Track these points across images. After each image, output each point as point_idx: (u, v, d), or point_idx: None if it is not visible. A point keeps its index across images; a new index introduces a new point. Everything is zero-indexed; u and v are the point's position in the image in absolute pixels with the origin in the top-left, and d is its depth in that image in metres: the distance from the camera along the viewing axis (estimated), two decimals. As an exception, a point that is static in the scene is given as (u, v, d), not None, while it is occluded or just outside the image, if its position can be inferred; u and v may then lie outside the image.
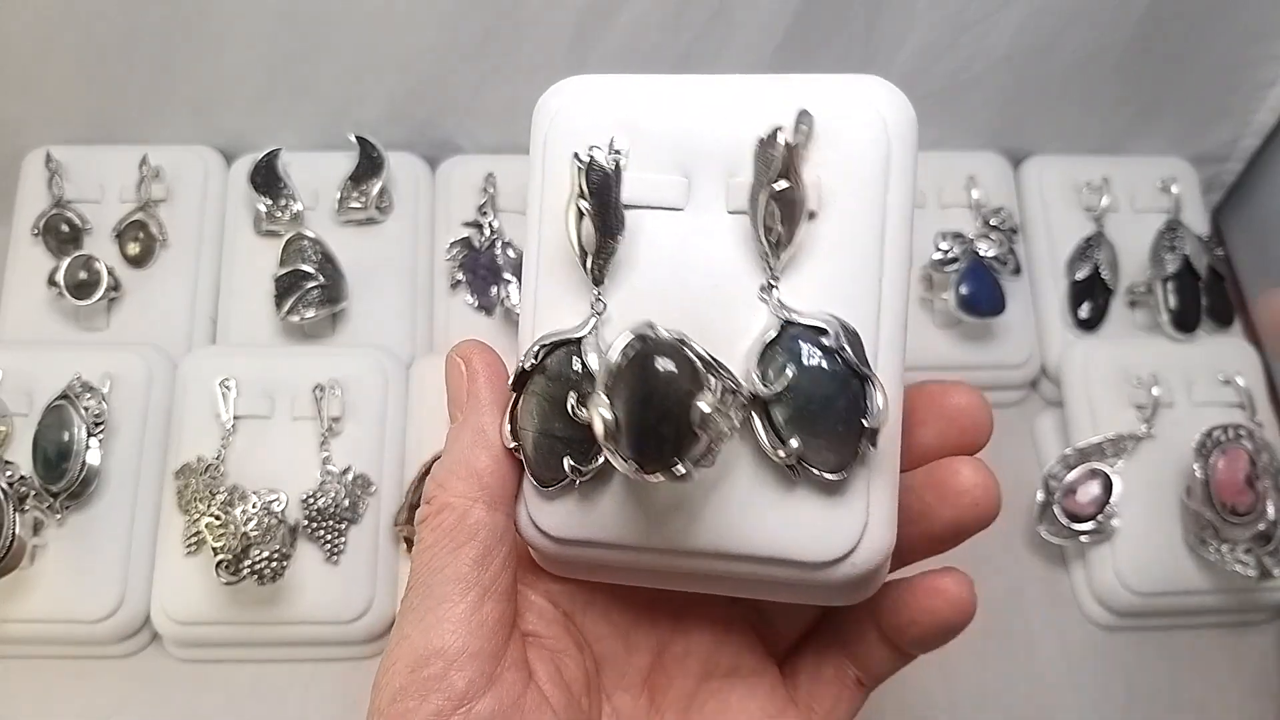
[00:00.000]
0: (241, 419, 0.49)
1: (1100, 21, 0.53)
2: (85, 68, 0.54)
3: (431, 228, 0.56)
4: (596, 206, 0.26)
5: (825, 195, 0.27)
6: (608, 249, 0.27)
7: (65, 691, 0.48)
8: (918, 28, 0.53)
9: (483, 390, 0.28)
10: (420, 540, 0.27)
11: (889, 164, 0.27)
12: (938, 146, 0.58)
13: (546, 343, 0.27)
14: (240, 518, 0.45)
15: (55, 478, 0.47)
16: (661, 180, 0.28)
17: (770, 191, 0.25)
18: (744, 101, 0.28)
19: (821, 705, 0.31)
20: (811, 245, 0.27)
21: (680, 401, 0.24)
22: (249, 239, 0.55)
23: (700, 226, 0.27)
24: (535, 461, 0.27)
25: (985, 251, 0.54)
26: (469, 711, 0.25)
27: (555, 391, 0.27)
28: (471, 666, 0.26)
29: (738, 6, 0.52)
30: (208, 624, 0.47)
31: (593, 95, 0.29)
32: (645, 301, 0.27)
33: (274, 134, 0.56)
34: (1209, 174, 0.60)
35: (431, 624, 0.26)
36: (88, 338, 0.53)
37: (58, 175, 0.54)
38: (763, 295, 0.27)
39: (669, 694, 0.31)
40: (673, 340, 0.24)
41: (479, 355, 0.28)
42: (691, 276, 0.27)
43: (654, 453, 0.24)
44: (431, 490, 0.27)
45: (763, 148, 0.26)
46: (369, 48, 0.54)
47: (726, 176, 0.27)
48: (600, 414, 0.24)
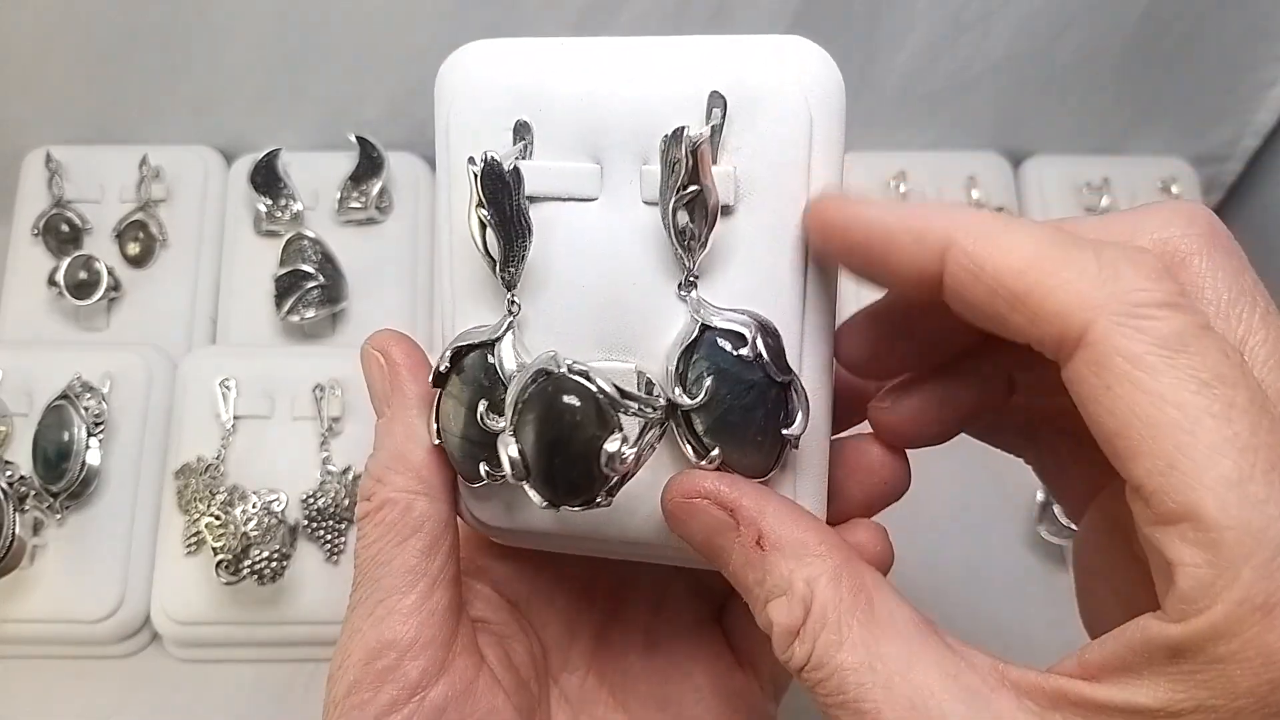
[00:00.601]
0: (241, 419, 0.49)
1: (1100, 22, 0.53)
2: (85, 68, 0.54)
3: (432, 228, 0.56)
4: (496, 216, 0.25)
5: (743, 184, 0.25)
6: (516, 254, 0.26)
7: (65, 691, 0.48)
8: (918, 28, 0.53)
9: (406, 384, 0.28)
10: (363, 536, 0.27)
11: (811, 142, 0.25)
12: (938, 146, 0.58)
13: (461, 344, 0.27)
14: (240, 518, 0.45)
15: (55, 478, 0.47)
16: (571, 169, 0.26)
17: (678, 197, 0.24)
18: (656, 71, 0.26)
19: (765, 661, 0.32)
20: (731, 239, 0.25)
21: (587, 444, 0.23)
22: (249, 239, 0.55)
23: (615, 219, 0.26)
24: (458, 460, 0.27)
25: (985, 251, 0.54)
26: (423, 699, 0.26)
27: (469, 397, 0.26)
28: (424, 655, 0.26)
29: (737, 6, 0.52)
30: (208, 624, 0.47)
31: (492, 68, 0.27)
32: (562, 301, 0.27)
33: (274, 134, 0.56)
34: (1209, 174, 0.60)
35: (382, 616, 0.26)
36: (88, 338, 0.53)
37: (58, 175, 0.54)
38: (681, 294, 0.26)
39: (614, 670, 0.32)
40: (577, 376, 0.24)
41: (397, 347, 0.28)
42: (608, 273, 0.26)
43: (566, 492, 0.24)
44: (370, 487, 0.27)
45: (667, 148, 0.24)
46: (369, 48, 0.54)
47: (640, 161, 0.26)
48: (508, 454, 0.24)
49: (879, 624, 0.22)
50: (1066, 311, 0.20)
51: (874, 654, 0.21)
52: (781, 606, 0.22)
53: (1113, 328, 0.19)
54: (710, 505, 0.24)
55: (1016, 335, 0.21)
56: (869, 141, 0.57)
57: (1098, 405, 0.19)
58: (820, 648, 0.21)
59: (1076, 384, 0.20)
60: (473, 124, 0.27)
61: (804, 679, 0.22)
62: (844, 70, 0.26)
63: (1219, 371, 0.19)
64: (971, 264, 0.21)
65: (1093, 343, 0.19)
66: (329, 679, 0.26)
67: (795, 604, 0.22)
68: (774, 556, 0.23)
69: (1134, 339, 0.19)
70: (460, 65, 0.27)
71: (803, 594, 0.22)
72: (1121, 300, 0.19)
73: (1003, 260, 0.21)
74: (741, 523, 0.24)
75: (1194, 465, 0.18)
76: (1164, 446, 0.18)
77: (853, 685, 0.21)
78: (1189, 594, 0.18)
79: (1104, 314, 0.19)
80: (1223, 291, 0.21)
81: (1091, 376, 0.19)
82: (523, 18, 0.52)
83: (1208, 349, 0.19)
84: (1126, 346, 0.19)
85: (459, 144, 0.27)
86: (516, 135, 0.26)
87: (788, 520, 0.24)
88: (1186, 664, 0.18)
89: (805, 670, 0.22)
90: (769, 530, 0.23)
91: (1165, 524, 0.18)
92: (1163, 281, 0.20)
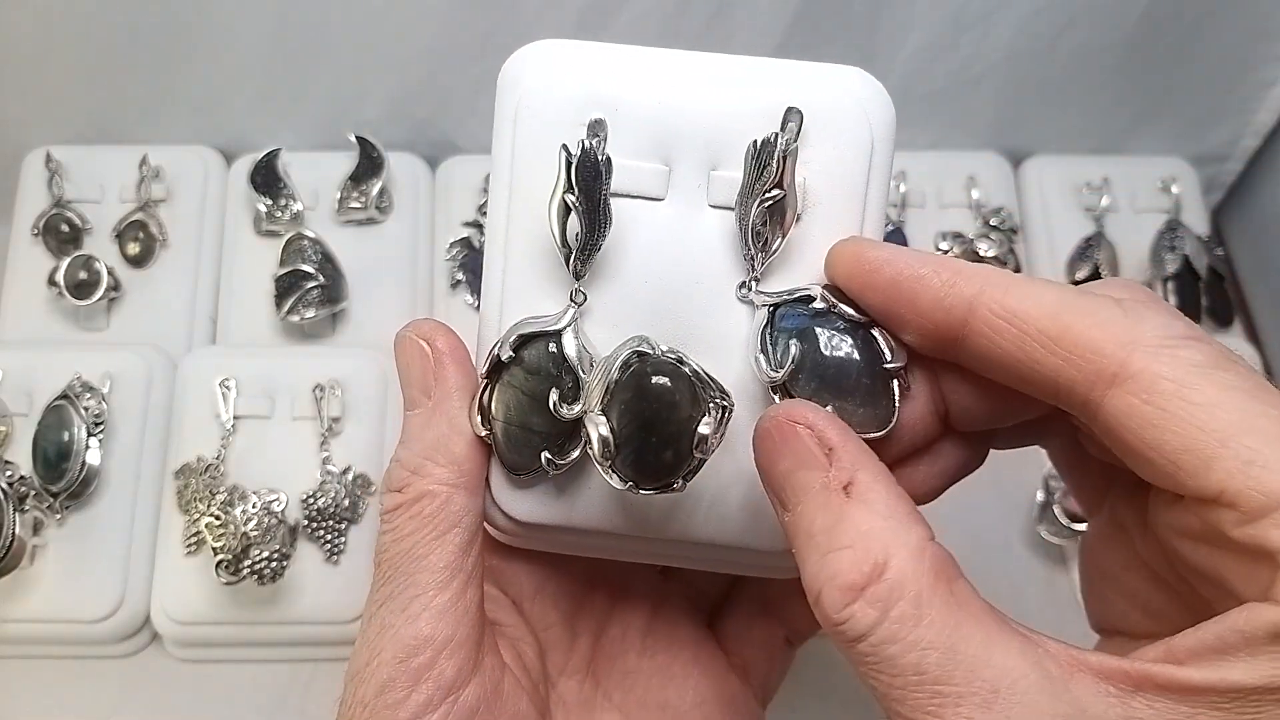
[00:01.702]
0: (241, 419, 0.49)
1: (1100, 21, 0.53)
2: (85, 68, 0.54)
3: (431, 228, 0.56)
4: (585, 204, 0.26)
5: (810, 196, 0.27)
6: (593, 245, 0.26)
7: (65, 691, 0.48)
8: (918, 27, 0.53)
9: (450, 374, 0.27)
10: (395, 529, 0.26)
11: (871, 164, 0.27)
12: (938, 146, 0.58)
13: (524, 333, 0.27)
14: (240, 518, 0.45)
15: (55, 478, 0.47)
16: (643, 169, 0.27)
17: (762, 199, 0.25)
18: (727, 85, 0.27)
19: (757, 665, 0.33)
20: (791, 247, 0.27)
21: (682, 426, 0.24)
22: (249, 239, 0.55)
23: (681, 219, 0.27)
24: (507, 450, 0.27)
25: (985, 251, 0.54)
26: (456, 700, 0.25)
27: (535, 386, 0.26)
28: (460, 654, 0.25)
29: (738, 6, 0.52)
30: (208, 624, 0.47)
31: (565, 64, 0.28)
32: (624, 295, 0.27)
33: (274, 134, 0.56)
34: (1209, 174, 0.60)
35: (417, 612, 0.25)
36: (88, 338, 0.53)
37: (58, 175, 0.54)
38: (742, 293, 0.27)
39: (612, 675, 0.32)
40: (671, 358, 0.24)
41: (443, 337, 0.27)
42: (671, 271, 0.27)
43: (653, 474, 0.24)
44: (403, 477, 0.27)
45: (757, 151, 0.25)
46: (369, 48, 0.54)
47: (708, 167, 0.27)
48: (599, 432, 0.24)
49: (961, 607, 0.21)
50: (1103, 348, 0.21)
51: (957, 636, 0.20)
52: (847, 557, 0.21)
53: (1151, 358, 0.21)
54: (810, 436, 0.23)
55: (1044, 378, 0.22)
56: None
57: (1155, 428, 0.20)
58: (895, 619, 0.20)
59: (1123, 415, 0.21)
60: (546, 116, 0.27)
61: (866, 651, 0.21)
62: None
63: (1256, 381, 0.20)
64: (1004, 310, 0.22)
65: (1136, 373, 0.21)
66: (353, 678, 0.26)
67: (863, 558, 0.21)
68: (857, 507, 0.22)
69: (1174, 364, 0.20)
70: (531, 59, 0.28)
71: (876, 553, 0.21)
72: (1151, 335, 0.21)
73: (1034, 306, 0.22)
74: (835, 464, 0.22)
75: (1269, 458, 0.19)
76: (1235, 449, 0.19)
77: (934, 665, 0.20)
78: None
79: (1138, 348, 0.21)
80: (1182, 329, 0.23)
81: (1141, 403, 0.20)
82: (522, 19, 0.52)
83: (1237, 366, 0.21)
84: (1170, 371, 0.20)
85: (529, 134, 0.27)
86: (591, 131, 0.27)
87: (884, 481, 0.22)
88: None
89: (871, 641, 0.20)
90: (862, 482, 0.22)
91: (1258, 518, 0.19)
92: (1179, 320, 0.22)
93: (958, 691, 0.20)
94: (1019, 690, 0.20)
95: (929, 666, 0.20)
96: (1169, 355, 0.21)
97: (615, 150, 0.26)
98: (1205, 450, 0.20)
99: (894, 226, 0.55)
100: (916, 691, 0.20)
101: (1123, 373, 0.21)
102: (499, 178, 0.28)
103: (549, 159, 0.26)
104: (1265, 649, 0.19)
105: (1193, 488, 0.20)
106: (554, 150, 0.26)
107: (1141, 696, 0.20)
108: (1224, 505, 0.20)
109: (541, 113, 0.27)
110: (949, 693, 0.20)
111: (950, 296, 0.23)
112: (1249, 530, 0.19)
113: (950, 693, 0.20)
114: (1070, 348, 0.21)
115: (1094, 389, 0.21)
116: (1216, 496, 0.20)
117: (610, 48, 0.28)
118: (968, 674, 0.20)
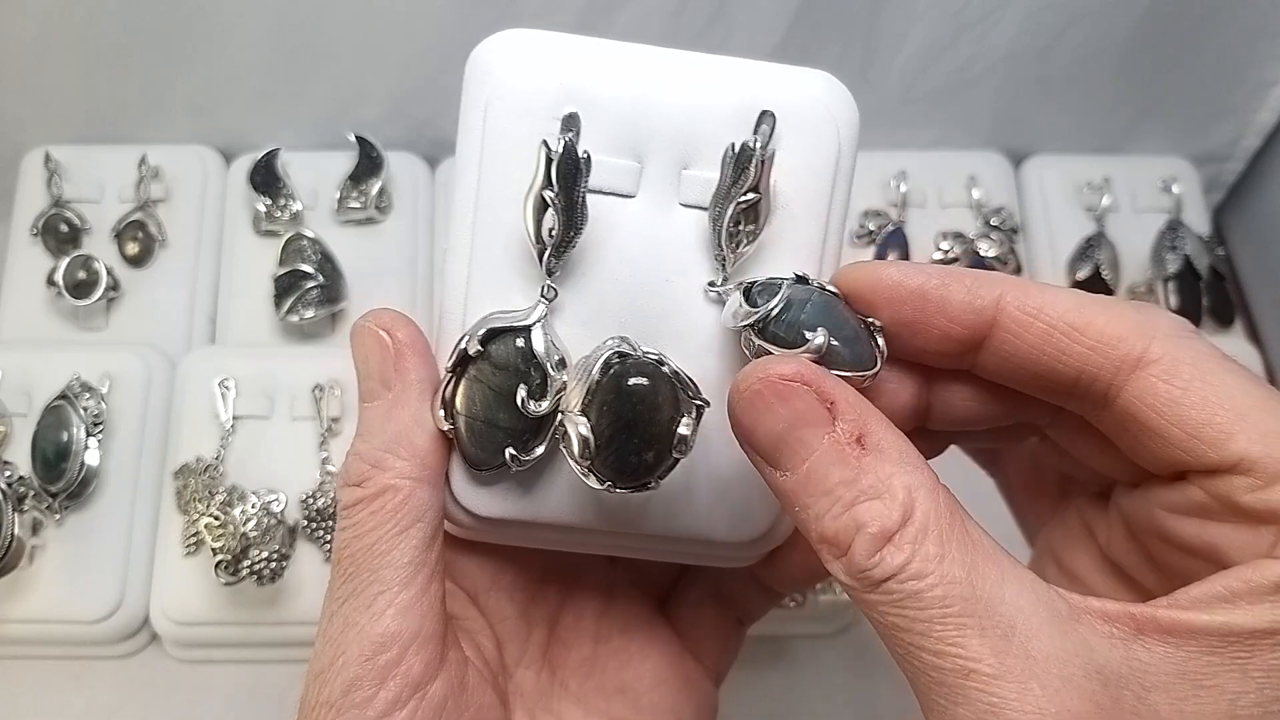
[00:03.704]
0: (241, 419, 0.49)
1: (1100, 21, 0.53)
2: (85, 68, 0.54)
3: (431, 228, 0.56)
4: (564, 200, 0.25)
5: (779, 199, 0.27)
6: (568, 242, 0.26)
7: (65, 691, 0.48)
8: (918, 27, 0.53)
9: (412, 366, 0.27)
10: (356, 524, 0.26)
11: (837, 167, 0.27)
12: (938, 146, 0.58)
13: (492, 327, 0.26)
14: (239, 518, 0.45)
15: (54, 478, 0.47)
16: (615, 165, 0.27)
17: (739, 202, 0.26)
18: (698, 84, 0.27)
19: (710, 646, 0.33)
20: (762, 245, 0.27)
21: (664, 427, 0.24)
22: (248, 239, 0.55)
23: (652, 217, 0.27)
24: (470, 445, 0.27)
25: (986, 251, 0.54)
26: (424, 696, 0.25)
27: (502, 382, 0.26)
28: (426, 649, 0.25)
29: (737, 7, 0.52)
30: (207, 624, 0.47)
31: (536, 56, 0.27)
32: (593, 291, 0.27)
33: (274, 134, 0.56)
34: (1210, 174, 0.60)
35: (382, 609, 0.25)
36: (87, 338, 0.53)
37: (57, 175, 0.54)
38: (711, 291, 0.27)
39: (568, 663, 0.32)
40: (652, 359, 0.24)
41: (403, 328, 0.27)
42: (641, 269, 0.27)
43: (632, 475, 0.24)
44: (363, 471, 0.26)
45: (736, 155, 0.26)
46: (369, 48, 0.54)
47: (679, 165, 0.27)
48: (580, 433, 0.24)
49: (975, 546, 0.21)
50: (1125, 337, 0.23)
51: (975, 573, 0.21)
52: (877, 508, 0.21)
53: (1170, 344, 0.23)
54: (808, 392, 0.22)
55: (1067, 368, 0.24)
56: (869, 141, 0.57)
57: (1179, 405, 0.22)
58: (922, 558, 0.21)
59: (1147, 395, 0.23)
60: (518, 108, 0.27)
61: (894, 589, 0.21)
62: (844, 70, 0.28)
63: (1252, 371, 0.23)
64: (1031, 307, 0.24)
65: (1158, 358, 0.23)
66: (315, 677, 0.25)
67: (894, 507, 0.21)
68: (874, 457, 0.22)
69: (1191, 351, 0.23)
70: (501, 49, 0.28)
71: (904, 500, 0.21)
72: (1167, 326, 0.23)
73: (1057, 303, 0.24)
74: (839, 417, 0.22)
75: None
76: (1254, 422, 0.22)
77: (958, 598, 0.20)
78: None
79: (1157, 337, 0.23)
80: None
81: (1164, 384, 0.22)
82: (522, 19, 0.52)
83: (1234, 357, 0.23)
84: (1189, 356, 0.23)
85: (499, 126, 0.27)
86: (565, 126, 0.26)
87: (890, 429, 0.23)
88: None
89: (899, 579, 0.21)
90: (874, 432, 0.22)
91: (1274, 482, 0.21)
92: (1182, 319, 0.24)
93: (980, 624, 0.20)
94: (1033, 625, 0.20)
95: (954, 600, 0.20)
96: (1185, 343, 0.23)
97: (587, 145, 0.26)
98: (1225, 425, 0.22)
99: (894, 227, 0.55)
100: (941, 624, 0.20)
101: (1145, 358, 0.23)
102: (466, 168, 0.27)
103: (521, 152, 0.26)
104: (1268, 597, 0.20)
105: (1213, 458, 0.22)
106: (526, 143, 0.26)
107: (1142, 640, 0.21)
108: (1240, 473, 0.22)
109: (514, 105, 0.27)
110: (972, 625, 0.20)
111: (979, 299, 0.24)
112: (1261, 495, 0.21)
113: (973, 624, 0.20)
114: (1096, 337, 0.23)
115: (1117, 374, 0.23)
116: (1235, 465, 0.22)
117: (580, 40, 0.28)
118: (987, 608, 0.20)
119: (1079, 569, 0.28)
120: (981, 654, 0.20)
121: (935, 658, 0.20)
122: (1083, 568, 0.28)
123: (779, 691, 0.49)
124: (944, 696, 0.20)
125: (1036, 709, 0.20)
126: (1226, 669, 0.20)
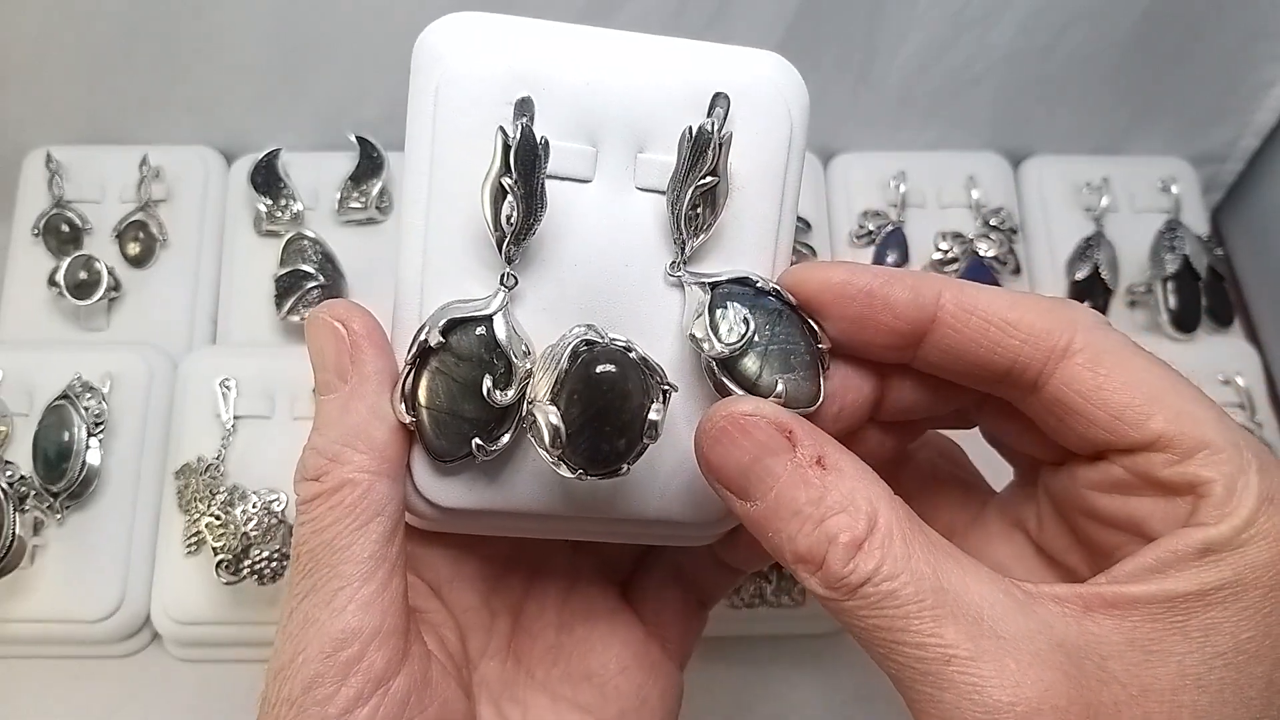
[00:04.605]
0: (241, 419, 0.49)
1: (1100, 21, 0.53)
2: (85, 68, 0.54)
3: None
4: (523, 188, 0.25)
5: (735, 180, 0.27)
6: (528, 229, 0.26)
7: (65, 691, 0.48)
8: (918, 27, 0.53)
9: (369, 358, 0.26)
10: (315, 520, 0.25)
11: (790, 148, 0.27)
12: (938, 146, 0.58)
13: (453, 317, 0.26)
14: (240, 518, 0.45)
15: (55, 478, 0.47)
16: (571, 150, 0.27)
17: (698, 185, 0.26)
18: (649, 66, 0.27)
19: (672, 630, 0.34)
20: (718, 227, 0.27)
21: (634, 414, 0.24)
22: (249, 239, 0.55)
23: (609, 201, 0.27)
24: (434, 437, 0.26)
25: (985, 251, 0.54)
26: (387, 692, 0.25)
27: (466, 373, 0.26)
28: (389, 645, 0.25)
29: (738, 6, 0.52)
30: (208, 624, 0.47)
31: (486, 39, 0.27)
32: (553, 278, 0.27)
33: (274, 134, 0.56)
34: (1209, 174, 0.60)
35: (342, 605, 0.25)
36: (88, 338, 0.53)
37: (58, 175, 0.54)
38: (672, 275, 0.27)
39: (533, 652, 0.32)
40: (620, 345, 0.25)
41: (359, 319, 0.27)
42: (600, 254, 0.27)
43: (604, 462, 0.25)
44: (320, 465, 0.26)
45: (693, 139, 0.26)
46: (369, 48, 0.54)
47: (634, 149, 0.27)
48: (550, 422, 0.24)
49: (935, 545, 0.23)
50: (1052, 329, 0.25)
51: (939, 568, 0.23)
52: (845, 520, 0.23)
53: (1091, 334, 0.25)
54: (768, 425, 0.24)
55: (1000, 360, 0.26)
56: (869, 141, 0.57)
57: (1102, 390, 0.25)
58: (892, 559, 0.23)
59: (1074, 380, 0.25)
60: (470, 93, 0.26)
61: (870, 592, 0.22)
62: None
63: (1163, 358, 0.26)
64: (969, 304, 0.26)
65: (1082, 347, 0.25)
66: (276, 675, 0.25)
67: (859, 518, 0.23)
68: (835, 475, 0.24)
69: (1110, 340, 0.25)
70: (450, 32, 0.27)
71: (867, 510, 0.23)
72: (1087, 320, 0.26)
73: (991, 300, 0.26)
74: (798, 445, 0.24)
75: (1192, 411, 0.24)
76: (1169, 403, 0.24)
77: (930, 592, 0.22)
78: (1222, 499, 0.23)
79: (1080, 329, 0.25)
80: None
81: (1089, 372, 0.25)
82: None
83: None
84: (1109, 345, 0.25)
85: (451, 111, 0.26)
86: (519, 110, 0.26)
87: (843, 449, 0.25)
88: (1213, 555, 0.23)
89: (874, 581, 0.22)
90: (831, 454, 0.24)
91: (1189, 456, 0.24)
92: (1097, 312, 0.27)
93: (952, 613, 0.22)
94: (998, 611, 0.22)
95: (926, 594, 0.22)
96: (1105, 334, 0.25)
97: (541, 130, 0.26)
98: (1144, 406, 0.24)
99: (894, 227, 0.55)
100: (918, 618, 0.22)
101: (1070, 348, 0.25)
102: (418, 155, 0.27)
103: (474, 138, 0.26)
104: (1193, 563, 0.23)
105: (1134, 437, 0.24)
106: (478, 129, 0.25)
107: (1092, 616, 0.23)
108: (1158, 450, 0.24)
109: (465, 89, 0.26)
110: (945, 614, 0.22)
111: (921, 296, 0.26)
112: (1178, 469, 0.24)
113: (946, 614, 0.22)
114: (1027, 330, 0.25)
115: (1046, 364, 0.25)
116: (1153, 442, 0.24)
117: (530, 22, 0.27)
118: (955, 599, 0.22)
119: (1007, 565, 0.30)
120: (958, 640, 0.22)
121: (917, 650, 0.22)
122: (1009, 559, 0.30)
123: (779, 691, 0.49)
124: (930, 685, 0.22)
125: (1014, 682, 0.21)
126: (1169, 633, 0.22)
